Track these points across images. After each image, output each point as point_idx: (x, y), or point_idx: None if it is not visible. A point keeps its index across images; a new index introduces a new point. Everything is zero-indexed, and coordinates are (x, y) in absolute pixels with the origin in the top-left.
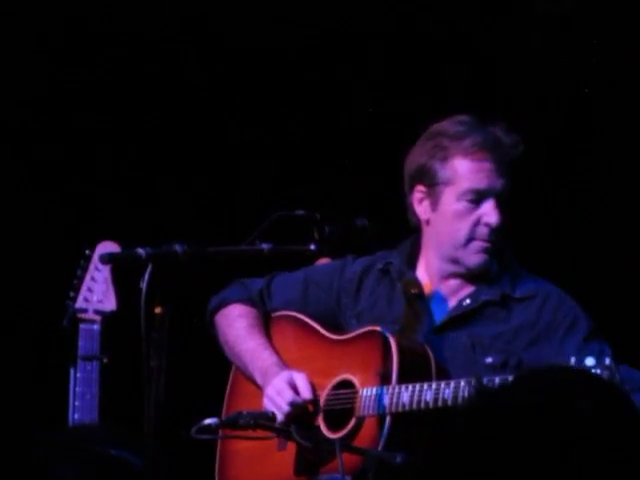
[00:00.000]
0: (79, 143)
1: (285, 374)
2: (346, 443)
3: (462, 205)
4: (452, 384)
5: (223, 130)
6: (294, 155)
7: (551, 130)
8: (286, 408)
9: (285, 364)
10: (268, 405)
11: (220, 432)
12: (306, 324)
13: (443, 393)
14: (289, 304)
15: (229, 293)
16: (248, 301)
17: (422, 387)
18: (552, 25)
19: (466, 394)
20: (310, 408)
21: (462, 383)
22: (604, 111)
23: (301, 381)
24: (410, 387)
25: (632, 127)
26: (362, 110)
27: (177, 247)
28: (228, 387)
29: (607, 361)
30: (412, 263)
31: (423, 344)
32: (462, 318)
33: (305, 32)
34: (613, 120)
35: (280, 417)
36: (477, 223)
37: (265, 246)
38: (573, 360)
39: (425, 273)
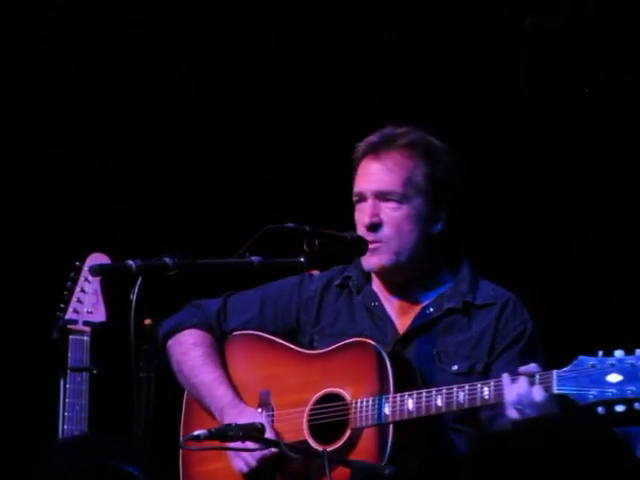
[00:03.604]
0: (69, 155)
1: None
2: (334, 456)
3: (356, 211)
4: (467, 387)
5: (214, 142)
6: (285, 167)
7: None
8: (254, 464)
9: (241, 400)
10: (234, 459)
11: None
12: (272, 341)
13: (457, 396)
14: (247, 324)
15: (184, 317)
16: (204, 325)
17: (430, 392)
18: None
19: (486, 395)
20: (276, 456)
21: (479, 385)
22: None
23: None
24: (415, 394)
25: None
26: (355, 120)
27: (167, 259)
28: (183, 412)
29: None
30: (369, 276)
31: (404, 354)
32: (426, 327)
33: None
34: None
35: (246, 470)
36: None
37: (255, 259)
38: (505, 376)
39: (380, 284)
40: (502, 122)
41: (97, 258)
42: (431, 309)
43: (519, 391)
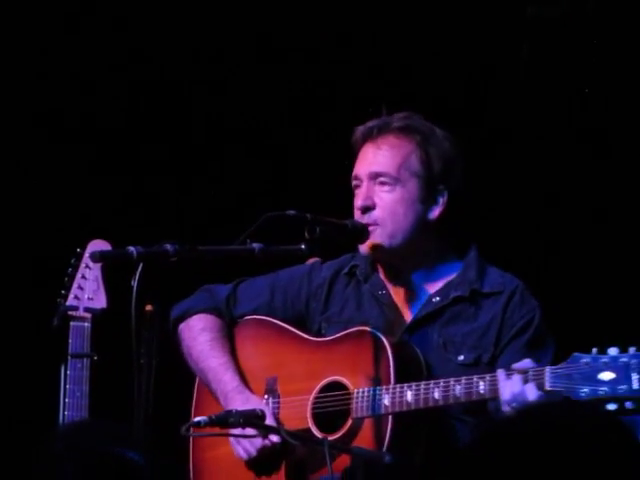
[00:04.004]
0: (69, 142)
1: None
2: (334, 443)
3: (354, 196)
4: (463, 380)
5: (215, 130)
6: (286, 155)
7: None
8: (255, 454)
9: (247, 387)
10: (235, 446)
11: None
12: (279, 327)
13: (454, 390)
14: (256, 311)
15: (194, 302)
16: (213, 310)
17: (428, 385)
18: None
19: (481, 389)
20: (278, 446)
21: (475, 379)
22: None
23: (267, 415)
24: (414, 386)
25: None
26: (352, 110)
27: (168, 246)
28: (195, 397)
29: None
30: (376, 264)
31: (410, 343)
32: (432, 315)
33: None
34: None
35: (246, 458)
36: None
37: (256, 246)
38: (500, 372)
39: (387, 273)
40: (508, 106)
41: (98, 245)
42: (438, 298)
43: (513, 390)
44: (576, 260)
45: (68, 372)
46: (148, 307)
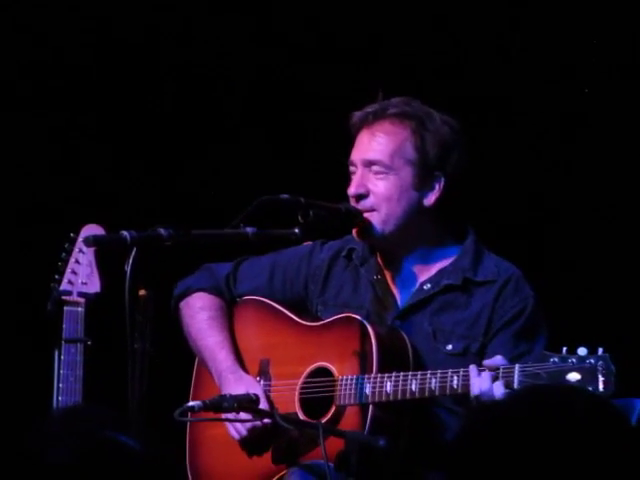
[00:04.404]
0: (63, 126)
1: (241, 390)
2: (328, 427)
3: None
4: (439, 374)
5: (208, 114)
6: (280, 139)
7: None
8: (245, 433)
9: (241, 367)
10: (229, 427)
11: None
12: (276, 310)
13: (430, 383)
14: (256, 290)
15: (195, 280)
16: (213, 289)
17: (406, 376)
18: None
19: (454, 384)
20: (269, 426)
21: (449, 373)
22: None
23: (260, 398)
24: (393, 376)
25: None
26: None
27: (161, 230)
28: (194, 376)
29: (600, 351)
30: (374, 248)
31: (400, 331)
32: (423, 303)
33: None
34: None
35: (237, 437)
36: None
37: (249, 230)
38: (472, 368)
39: (384, 257)
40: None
41: (91, 229)
42: (429, 285)
43: (482, 386)
44: (568, 255)
45: (62, 357)
46: (142, 292)
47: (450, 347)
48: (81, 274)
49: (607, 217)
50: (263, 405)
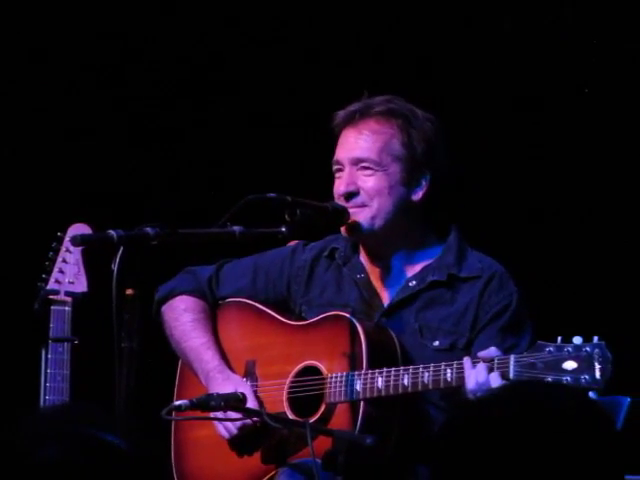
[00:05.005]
0: (50, 124)
1: (229, 390)
2: (316, 425)
3: (335, 180)
4: (432, 367)
5: (196, 112)
6: (266, 138)
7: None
8: (235, 432)
9: (228, 367)
10: (217, 426)
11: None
12: (261, 310)
13: (422, 377)
14: (238, 292)
15: (177, 283)
16: (196, 292)
17: (398, 371)
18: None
19: (448, 377)
20: (258, 424)
21: (442, 366)
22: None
23: (248, 397)
24: (385, 372)
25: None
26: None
27: (148, 229)
28: (177, 378)
29: (595, 339)
30: (357, 247)
31: (387, 328)
32: (409, 300)
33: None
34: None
35: (227, 436)
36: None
37: (236, 229)
38: (466, 360)
39: (367, 255)
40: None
41: (78, 228)
42: (414, 282)
43: (477, 378)
44: (555, 248)
45: (49, 356)
46: (129, 291)
47: (437, 343)
48: (68, 273)
49: (596, 212)
50: (251, 404)
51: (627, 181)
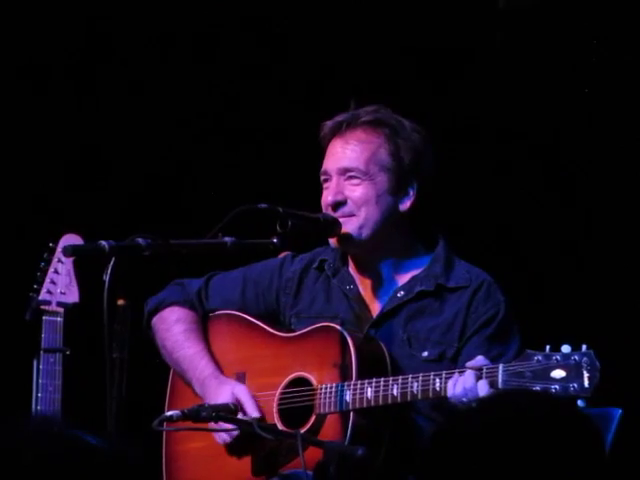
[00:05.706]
0: (42, 134)
1: (226, 393)
2: (307, 436)
3: (323, 191)
4: (421, 377)
5: (188, 124)
6: (259, 149)
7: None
8: (229, 439)
9: (222, 374)
10: (215, 433)
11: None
12: (250, 322)
13: (411, 387)
14: (227, 304)
15: (167, 295)
16: (186, 303)
17: (387, 381)
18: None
19: (437, 387)
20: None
21: (431, 375)
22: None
23: (245, 397)
24: (374, 382)
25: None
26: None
27: (140, 240)
28: (168, 388)
29: (584, 348)
30: (346, 258)
31: (376, 339)
32: (397, 310)
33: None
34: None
35: (222, 443)
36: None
37: (228, 240)
38: (480, 358)
39: (356, 267)
40: (478, 100)
41: (70, 239)
42: (402, 292)
43: (465, 385)
44: (543, 256)
45: (41, 366)
46: (120, 301)
47: (426, 354)
48: (60, 284)
49: (583, 221)
50: (250, 407)
51: (613, 192)
